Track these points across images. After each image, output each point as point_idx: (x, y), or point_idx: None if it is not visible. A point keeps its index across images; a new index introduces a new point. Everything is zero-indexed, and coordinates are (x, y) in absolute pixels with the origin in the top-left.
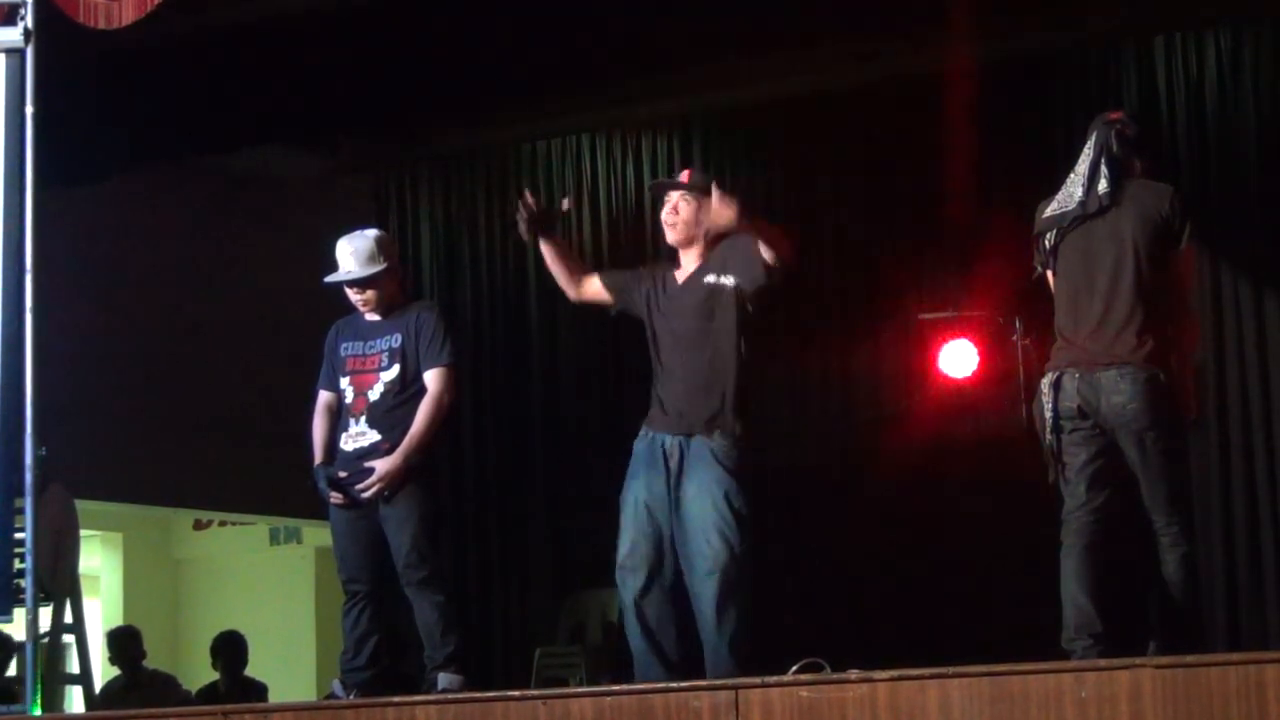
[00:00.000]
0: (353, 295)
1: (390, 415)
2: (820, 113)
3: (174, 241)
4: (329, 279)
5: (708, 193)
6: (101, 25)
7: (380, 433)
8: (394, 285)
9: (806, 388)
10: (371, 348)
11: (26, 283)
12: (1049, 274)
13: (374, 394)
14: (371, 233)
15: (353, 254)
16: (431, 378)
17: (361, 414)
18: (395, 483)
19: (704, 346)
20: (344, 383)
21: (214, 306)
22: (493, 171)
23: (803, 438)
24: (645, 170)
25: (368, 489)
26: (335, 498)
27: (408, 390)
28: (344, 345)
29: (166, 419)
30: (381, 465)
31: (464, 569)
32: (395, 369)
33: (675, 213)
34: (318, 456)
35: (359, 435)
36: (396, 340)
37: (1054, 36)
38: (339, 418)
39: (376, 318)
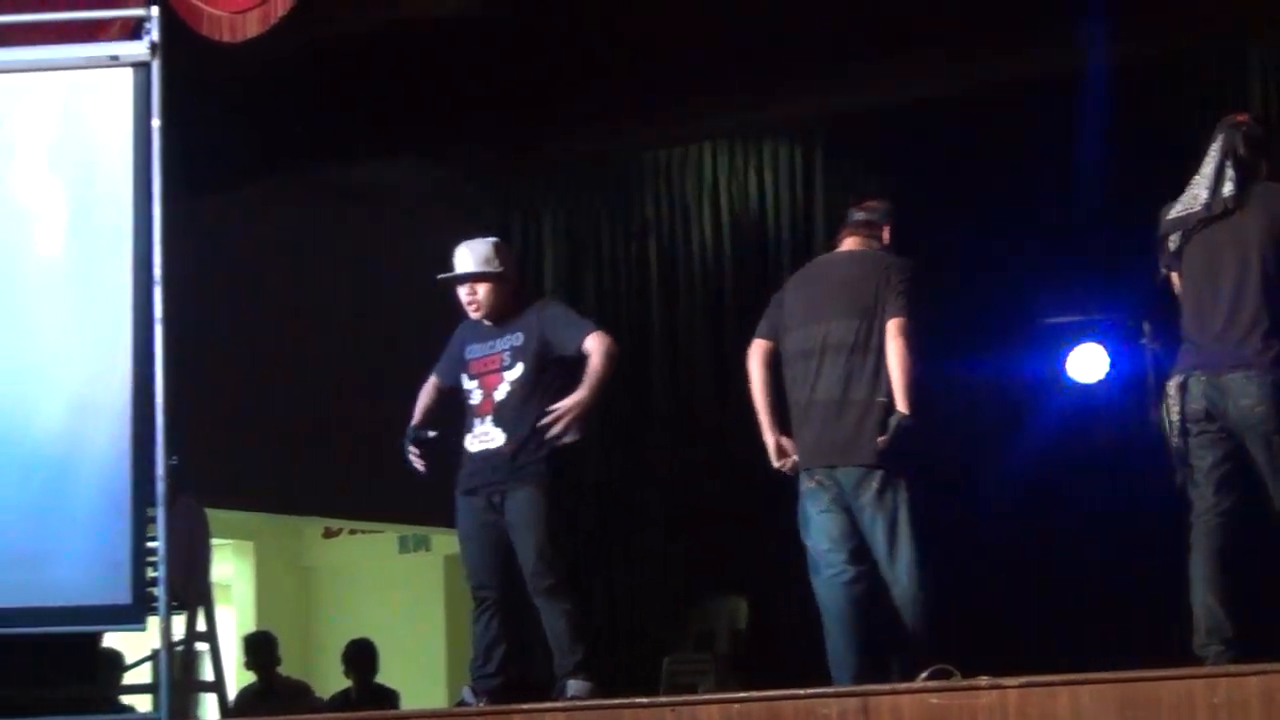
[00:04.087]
0: (463, 295)
1: (516, 413)
2: (945, 115)
3: (301, 251)
4: (441, 276)
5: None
6: (226, 39)
7: (505, 431)
8: (506, 293)
9: (935, 394)
10: (493, 348)
11: (156, 294)
12: (1174, 276)
13: (500, 394)
14: (490, 239)
15: (469, 254)
16: (591, 341)
17: (488, 414)
18: (586, 414)
19: None
20: (471, 385)
21: (340, 315)
22: (615, 180)
23: (930, 444)
24: (768, 177)
25: (560, 422)
26: (415, 456)
27: (532, 388)
28: (469, 347)
29: (296, 428)
30: (569, 399)
31: (592, 576)
32: (519, 367)
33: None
34: (414, 419)
35: (484, 436)
36: (519, 339)
37: (1181, 37)
38: (463, 418)
39: (489, 324)
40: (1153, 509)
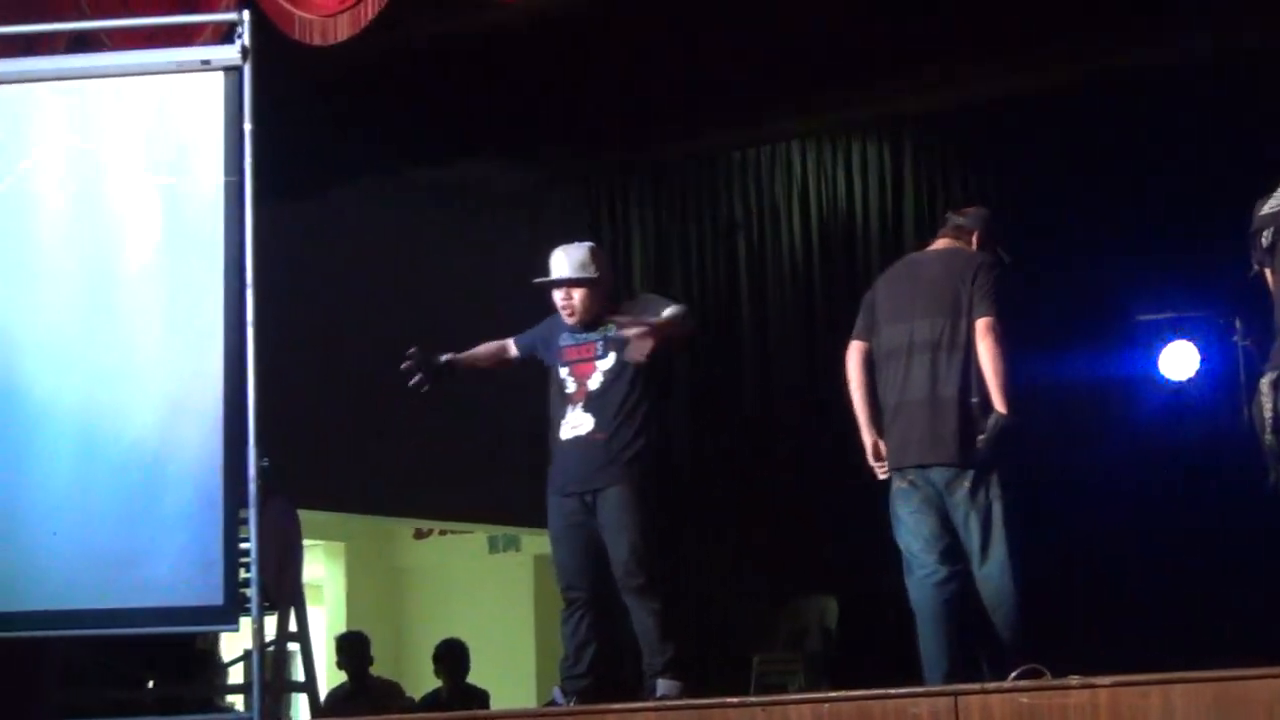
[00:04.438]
0: (558, 299)
1: (609, 400)
2: (1034, 113)
3: (391, 253)
4: (537, 280)
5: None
6: (316, 42)
7: (596, 417)
8: (600, 298)
9: (1026, 391)
10: (587, 338)
11: (248, 297)
12: (1266, 272)
13: (593, 383)
14: (586, 244)
15: (565, 258)
16: (674, 307)
17: (579, 402)
18: (651, 334)
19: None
20: (564, 373)
21: (432, 317)
22: (704, 179)
23: (1022, 441)
24: (856, 176)
25: (637, 335)
26: (413, 365)
27: (623, 377)
28: (562, 335)
29: (387, 429)
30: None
31: (682, 576)
32: (612, 356)
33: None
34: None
35: (575, 424)
36: (612, 330)
37: (1275, 31)
38: (555, 406)
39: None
40: (1245, 508)
